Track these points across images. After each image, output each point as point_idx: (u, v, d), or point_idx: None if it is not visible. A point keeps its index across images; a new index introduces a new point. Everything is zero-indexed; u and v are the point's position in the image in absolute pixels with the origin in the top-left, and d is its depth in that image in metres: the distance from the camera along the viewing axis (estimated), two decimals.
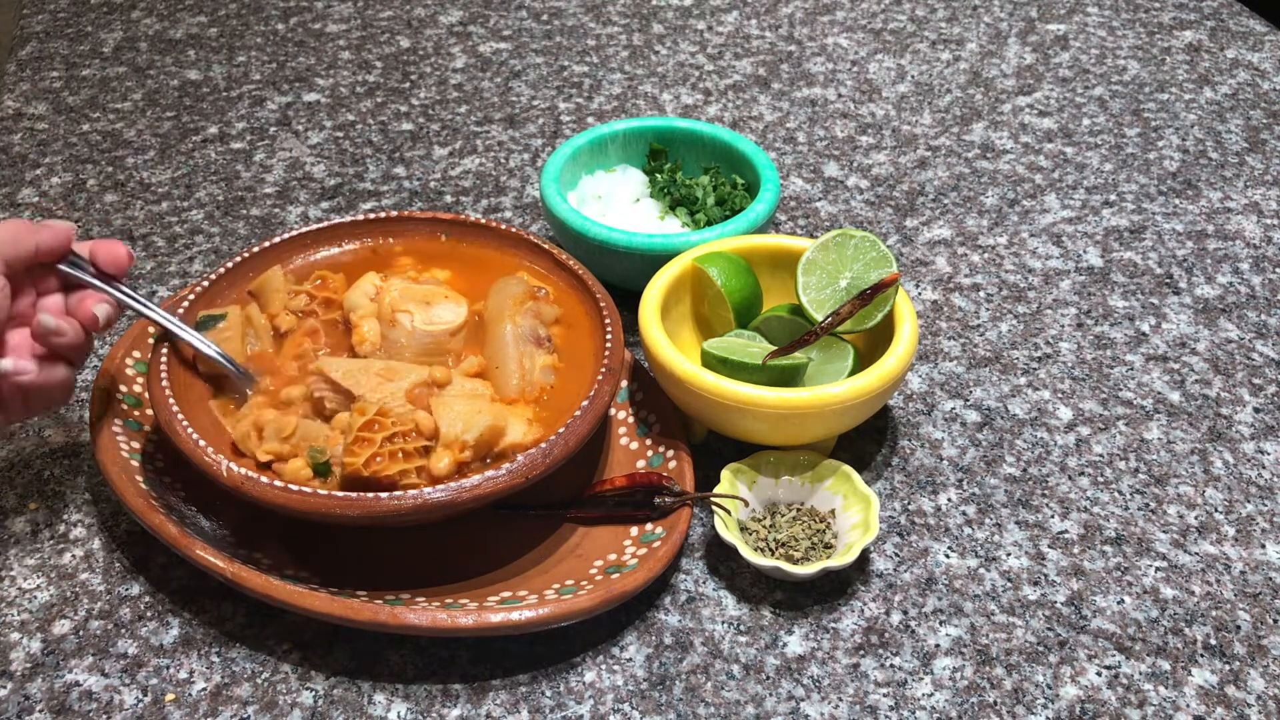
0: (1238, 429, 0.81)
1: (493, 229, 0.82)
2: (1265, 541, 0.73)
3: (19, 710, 0.63)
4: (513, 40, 1.28)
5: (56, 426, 0.80)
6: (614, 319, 0.75)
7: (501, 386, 0.73)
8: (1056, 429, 0.81)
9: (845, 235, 0.77)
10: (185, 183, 1.04)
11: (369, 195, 1.03)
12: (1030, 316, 0.91)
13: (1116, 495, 0.76)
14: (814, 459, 0.74)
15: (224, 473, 0.64)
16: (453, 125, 1.13)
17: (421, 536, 0.70)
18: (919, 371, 0.85)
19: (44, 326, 0.65)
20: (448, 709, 0.63)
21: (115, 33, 1.29)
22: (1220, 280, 0.95)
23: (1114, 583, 0.70)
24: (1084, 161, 1.09)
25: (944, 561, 0.71)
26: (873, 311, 0.75)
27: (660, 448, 0.75)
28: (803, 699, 0.64)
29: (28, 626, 0.67)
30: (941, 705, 0.63)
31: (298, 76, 1.21)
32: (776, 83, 1.20)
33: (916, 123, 1.14)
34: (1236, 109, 1.17)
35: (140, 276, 0.93)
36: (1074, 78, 1.22)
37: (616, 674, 0.65)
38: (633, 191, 0.92)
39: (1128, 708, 0.64)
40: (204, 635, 0.67)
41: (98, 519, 0.74)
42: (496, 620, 0.63)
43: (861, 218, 1.01)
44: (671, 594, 0.69)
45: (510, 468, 0.65)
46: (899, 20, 1.32)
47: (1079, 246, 0.98)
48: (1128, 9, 1.35)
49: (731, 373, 0.71)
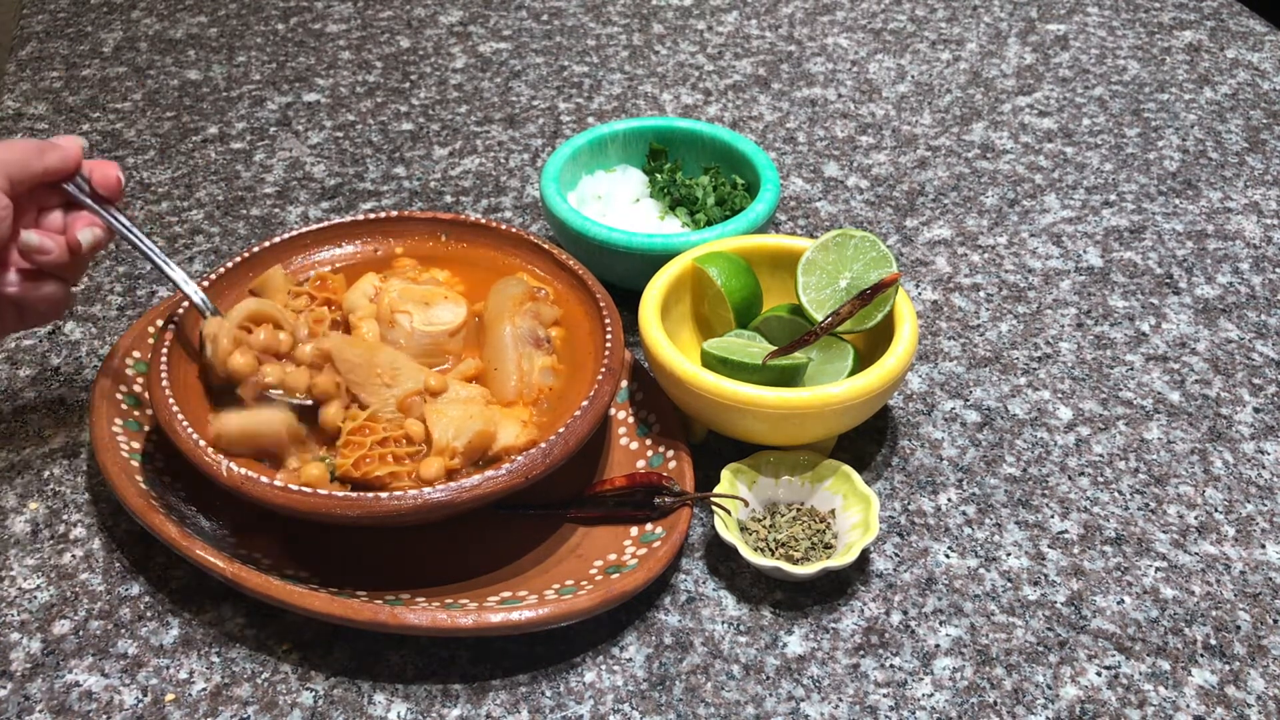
0: (1238, 429, 0.81)
1: (493, 229, 0.82)
2: (1265, 541, 0.73)
3: (19, 710, 0.63)
4: (513, 40, 1.28)
5: (56, 426, 0.80)
6: (614, 319, 0.75)
7: (500, 388, 0.73)
8: (1056, 429, 0.81)
9: (845, 235, 0.77)
10: (185, 183, 1.05)
11: (369, 195, 1.03)
12: (1030, 316, 0.91)
13: (1116, 495, 0.76)
14: (814, 459, 0.74)
15: (224, 473, 0.64)
16: (453, 125, 1.13)
17: (421, 536, 0.70)
18: (919, 371, 0.85)
19: (26, 244, 0.66)
20: (448, 709, 0.63)
21: (115, 33, 1.29)
22: (1220, 280, 0.95)
23: (1114, 583, 0.70)
24: (1084, 161, 1.09)
25: (944, 561, 0.71)
26: (873, 311, 0.75)
27: (660, 448, 0.75)
28: (803, 699, 0.64)
29: (28, 626, 0.67)
30: (941, 705, 0.63)
31: (298, 76, 1.21)
32: (776, 83, 1.20)
33: (916, 123, 1.14)
34: (1236, 109, 1.17)
35: (140, 277, 0.93)
36: (1074, 78, 1.22)
37: (616, 674, 0.65)
38: (633, 191, 0.92)
39: (1128, 708, 0.64)
40: (204, 635, 0.67)
41: (98, 519, 0.74)
42: (496, 620, 0.63)
43: (861, 218, 1.01)
44: (671, 594, 0.69)
45: (510, 468, 0.65)
46: (899, 20, 1.32)
47: (1079, 246, 0.98)
48: (1128, 9, 1.35)
49: (731, 373, 0.71)
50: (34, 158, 0.65)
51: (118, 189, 0.70)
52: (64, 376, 0.84)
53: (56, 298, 0.68)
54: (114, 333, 0.87)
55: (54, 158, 0.66)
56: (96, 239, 0.68)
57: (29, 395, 0.82)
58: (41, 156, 0.66)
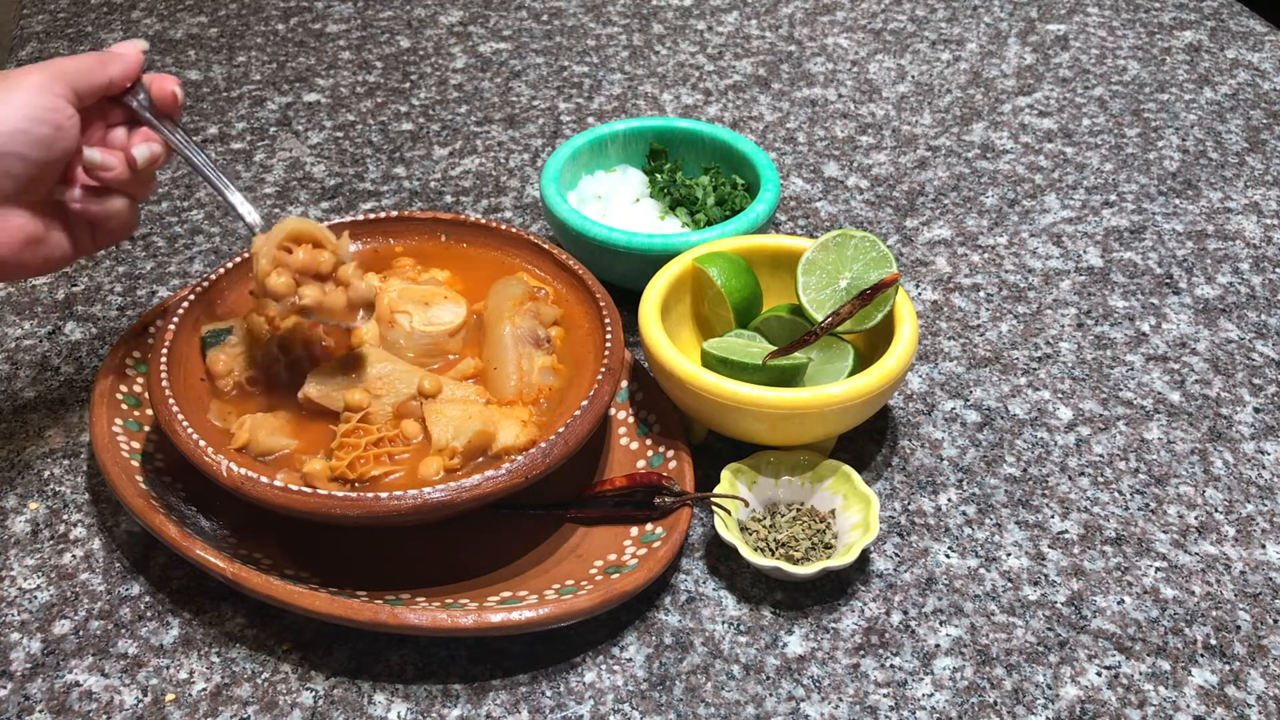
0: (1238, 429, 0.81)
1: (493, 229, 0.82)
2: (1265, 541, 0.73)
3: (19, 710, 0.63)
4: (513, 40, 1.28)
5: (56, 426, 0.80)
6: (614, 319, 0.75)
7: (500, 388, 0.73)
8: (1056, 429, 0.81)
9: (845, 235, 0.77)
10: (185, 183, 1.04)
11: (369, 195, 1.03)
12: (1030, 316, 0.91)
13: (1116, 495, 0.76)
14: (814, 459, 0.74)
15: (224, 473, 0.64)
16: (453, 125, 1.13)
17: (421, 536, 0.70)
18: (919, 371, 0.85)
19: (89, 160, 0.66)
20: (448, 709, 0.63)
21: (115, 33, 1.29)
22: (1220, 280, 0.95)
23: (1114, 583, 0.70)
24: (1084, 161, 1.09)
25: (944, 561, 0.71)
26: (873, 311, 0.75)
27: (660, 448, 0.75)
28: (803, 699, 0.64)
29: (28, 626, 0.67)
30: (941, 705, 0.63)
31: (298, 76, 1.21)
32: (776, 83, 1.20)
33: (916, 123, 1.14)
34: (1236, 109, 1.17)
35: (140, 277, 0.93)
36: (1074, 78, 1.22)
37: (616, 674, 0.65)
38: (633, 191, 0.92)
39: (1128, 708, 0.64)
40: (204, 635, 0.67)
41: (98, 519, 0.74)
42: (496, 620, 0.63)
43: (861, 218, 1.01)
44: (671, 594, 0.69)
45: (510, 468, 0.65)
46: (899, 20, 1.32)
47: (1079, 246, 0.98)
48: (1128, 9, 1.35)
49: (731, 373, 0.71)
50: (97, 69, 0.66)
51: (175, 104, 0.70)
52: (64, 376, 0.84)
53: (124, 215, 0.69)
54: (114, 333, 0.87)
55: (116, 68, 0.67)
56: (154, 154, 0.69)
57: (29, 395, 0.82)
58: (104, 67, 0.67)
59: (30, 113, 0.63)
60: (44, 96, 0.64)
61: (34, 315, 0.89)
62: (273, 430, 0.69)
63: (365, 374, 0.72)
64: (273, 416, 0.70)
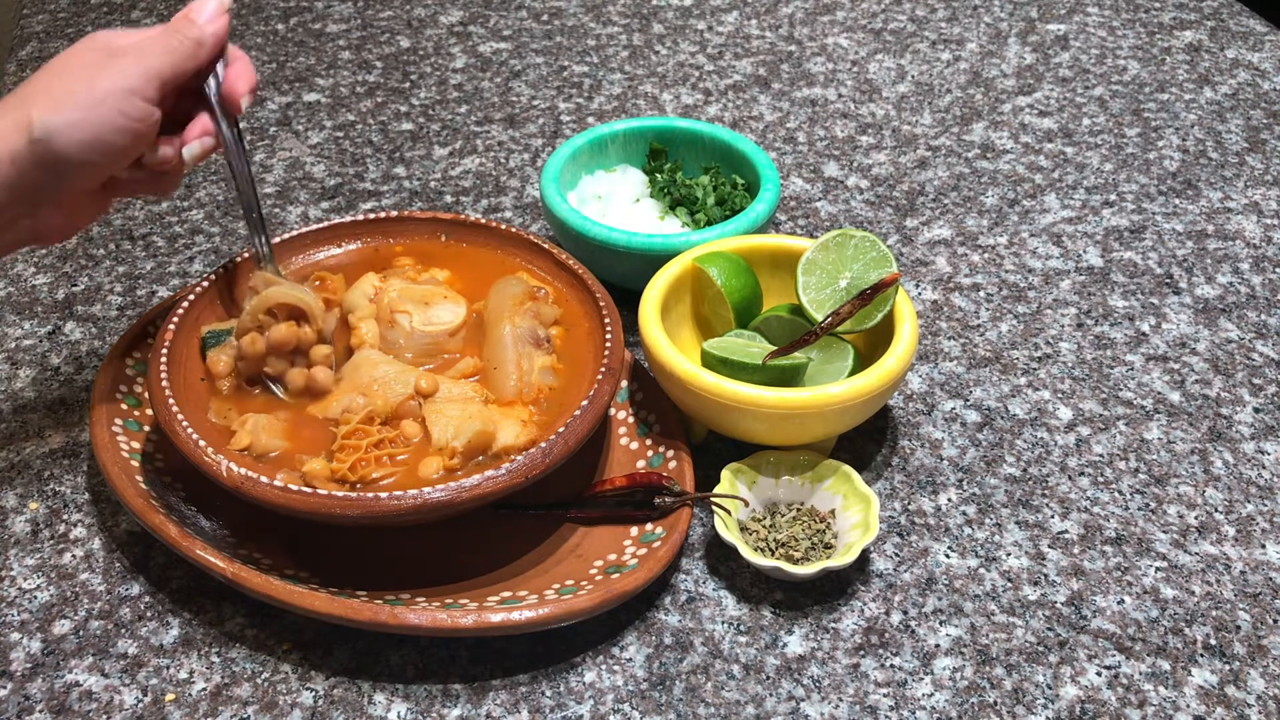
0: (1238, 429, 0.81)
1: (493, 229, 0.82)
2: (1265, 541, 0.73)
3: (19, 710, 0.63)
4: (513, 40, 1.28)
5: (56, 426, 0.80)
6: (614, 319, 0.75)
7: (499, 387, 0.73)
8: (1056, 429, 0.81)
9: (845, 235, 0.77)
10: (185, 182, 1.04)
11: (369, 195, 1.03)
12: (1030, 316, 0.91)
13: (1116, 495, 0.76)
14: (814, 459, 0.74)
15: (224, 473, 0.64)
16: (453, 125, 1.13)
17: (421, 536, 0.70)
18: (919, 371, 0.85)
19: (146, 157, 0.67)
20: (448, 709, 0.63)
21: None
22: (1220, 280, 0.95)
23: (1114, 583, 0.70)
24: (1084, 161, 1.09)
25: (944, 561, 0.71)
26: (873, 311, 0.75)
27: (660, 448, 0.75)
28: (803, 699, 0.64)
29: (28, 626, 0.67)
30: (941, 705, 0.63)
31: (298, 76, 1.21)
32: (776, 83, 1.20)
33: (916, 123, 1.14)
34: (1236, 109, 1.17)
35: (140, 277, 0.93)
36: (1074, 78, 1.22)
37: (616, 674, 0.65)
38: (633, 191, 0.92)
39: (1128, 708, 0.64)
40: (204, 635, 0.67)
41: (98, 519, 0.74)
42: (496, 620, 0.63)
43: (861, 218, 1.01)
44: (671, 594, 0.69)
45: (510, 467, 0.65)
46: (899, 20, 1.32)
47: (1079, 246, 0.98)
48: (1128, 9, 1.35)
49: (731, 373, 0.71)
50: (190, 59, 0.66)
51: (238, 99, 0.70)
52: (64, 376, 0.84)
53: (166, 187, 0.71)
54: (114, 333, 0.87)
55: (204, 54, 0.67)
56: (205, 150, 0.69)
57: (29, 395, 0.82)
58: (197, 56, 0.67)
59: (117, 124, 0.63)
60: (132, 104, 0.63)
61: (34, 315, 0.89)
62: (275, 432, 0.69)
63: (363, 375, 0.72)
64: (274, 417, 0.70)
